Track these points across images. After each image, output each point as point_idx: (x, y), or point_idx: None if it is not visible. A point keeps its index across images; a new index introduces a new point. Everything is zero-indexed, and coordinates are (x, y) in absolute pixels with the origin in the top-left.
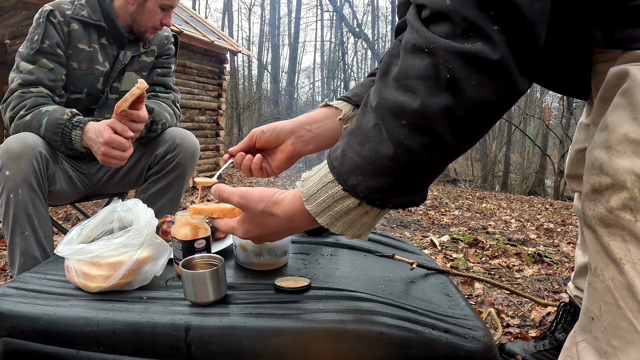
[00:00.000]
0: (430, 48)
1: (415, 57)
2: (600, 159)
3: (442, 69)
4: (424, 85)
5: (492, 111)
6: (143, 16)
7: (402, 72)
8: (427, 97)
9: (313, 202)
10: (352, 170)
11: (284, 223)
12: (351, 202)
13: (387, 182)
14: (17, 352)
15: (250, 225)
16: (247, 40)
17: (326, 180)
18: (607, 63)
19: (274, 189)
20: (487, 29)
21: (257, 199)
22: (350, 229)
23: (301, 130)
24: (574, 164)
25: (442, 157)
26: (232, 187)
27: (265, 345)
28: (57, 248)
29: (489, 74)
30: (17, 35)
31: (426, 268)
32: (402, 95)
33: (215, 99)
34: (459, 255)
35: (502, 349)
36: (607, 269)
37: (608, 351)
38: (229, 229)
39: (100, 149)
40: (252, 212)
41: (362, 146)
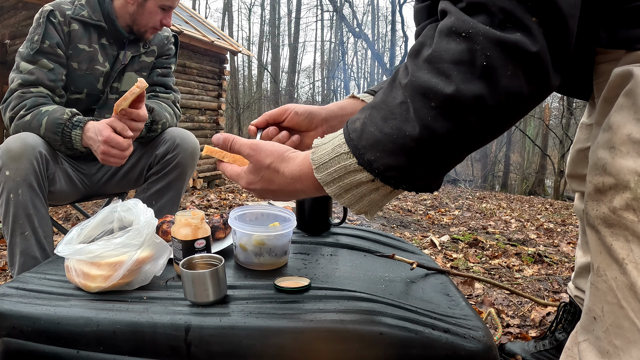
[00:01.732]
0: (469, 33)
1: (451, 41)
2: (604, 159)
3: (478, 56)
4: (458, 71)
5: (522, 104)
6: (143, 16)
7: (436, 54)
8: (460, 83)
9: (323, 171)
10: (371, 145)
11: (288, 183)
12: (364, 176)
13: (406, 162)
14: (17, 352)
15: (255, 176)
16: (247, 40)
17: (340, 150)
18: (609, 63)
19: (286, 147)
20: (526, 20)
21: (267, 152)
22: (357, 203)
23: (333, 120)
24: (575, 163)
25: (466, 145)
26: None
27: (265, 345)
28: (57, 248)
29: (525, 66)
30: (17, 35)
31: (426, 268)
32: (435, 77)
33: (215, 99)
34: (459, 255)
35: (502, 349)
36: (609, 269)
37: (610, 351)
38: (234, 175)
39: (100, 148)
40: (260, 164)
41: (385, 122)
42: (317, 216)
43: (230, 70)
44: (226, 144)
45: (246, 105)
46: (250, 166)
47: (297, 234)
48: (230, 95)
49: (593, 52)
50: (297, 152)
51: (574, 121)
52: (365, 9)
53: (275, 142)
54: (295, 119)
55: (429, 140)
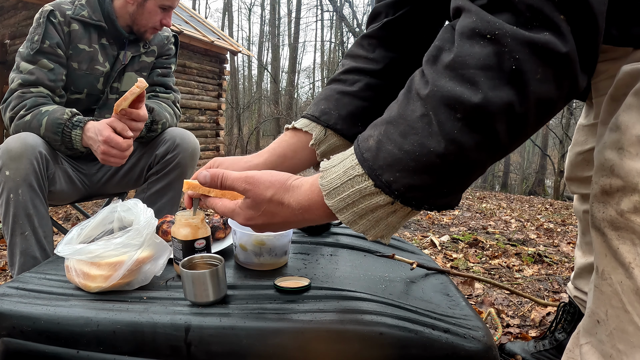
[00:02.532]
0: (495, 34)
1: (475, 44)
2: (611, 161)
3: (507, 59)
4: (485, 77)
5: (551, 109)
6: (143, 16)
7: (459, 60)
8: (489, 90)
9: (335, 197)
10: (389, 165)
11: (295, 214)
12: (381, 199)
13: (429, 181)
14: (17, 352)
15: (255, 211)
16: (247, 40)
17: (353, 173)
18: (607, 63)
19: (287, 174)
20: (555, 18)
21: (266, 184)
22: (373, 229)
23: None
24: (574, 166)
25: (492, 156)
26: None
27: (265, 345)
28: (57, 248)
29: (554, 68)
30: (17, 35)
31: (426, 268)
32: (460, 86)
33: (215, 99)
34: (459, 255)
35: (502, 349)
36: (615, 273)
37: (613, 355)
38: (228, 212)
39: (100, 148)
40: (260, 198)
41: (404, 138)
42: None
43: (230, 70)
44: (215, 181)
45: (246, 105)
46: (248, 201)
47: (297, 234)
48: (230, 95)
49: None
50: (301, 178)
51: (574, 121)
52: (365, 9)
53: (272, 171)
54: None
55: (456, 155)
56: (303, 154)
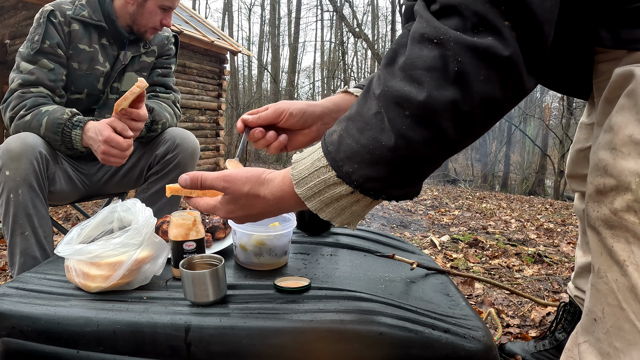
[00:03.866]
0: (440, 39)
1: (424, 48)
2: (605, 160)
3: (450, 62)
4: (430, 77)
5: (497, 108)
6: (143, 16)
7: (409, 62)
8: (433, 89)
9: (303, 186)
10: (349, 157)
11: (270, 204)
12: (343, 189)
13: (384, 173)
14: (17, 352)
15: (234, 206)
16: (247, 40)
17: (319, 164)
18: (609, 63)
19: (261, 169)
20: (499, 24)
21: (243, 180)
22: (339, 216)
23: (327, 118)
24: (575, 163)
25: (442, 151)
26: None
27: (265, 345)
28: (57, 248)
29: (498, 70)
30: (17, 35)
31: (426, 268)
32: (408, 85)
33: (215, 99)
34: (459, 255)
35: (502, 349)
36: (610, 271)
37: (610, 353)
38: (210, 209)
39: (100, 148)
40: (237, 193)
41: (361, 133)
42: (317, 216)
43: (230, 70)
44: (195, 183)
45: (246, 105)
46: (227, 197)
47: (297, 234)
48: (230, 95)
49: (592, 52)
50: (274, 172)
51: (574, 121)
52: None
53: (247, 168)
54: (290, 120)
55: (406, 150)
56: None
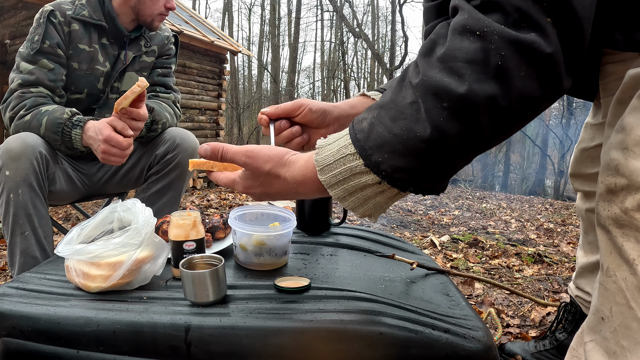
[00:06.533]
0: (484, 32)
1: (465, 39)
2: (616, 160)
3: (493, 55)
4: (471, 70)
5: (533, 107)
6: (146, 5)
7: (450, 53)
8: (474, 82)
9: (328, 173)
10: (379, 146)
11: (290, 187)
12: (370, 179)
13: (414, 164)
14: (17, 352)
15: (253, 182)
16: (247, 40)
17: (346, 151)
18: (617, 64)
19: (284, 149)
20: (541, 21)
21: (265, 157)
22: (361, 207)
23: (344, 119)
24: (579, 162)
25: (475, 147)
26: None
27: (265, 345)
28: (57, 248)
29: (538, 67)
30: (17, 35)
31: (426, 268)
32: (448, 77)
33: (215, 99)
34: (459, 255)
35: (502, 349)
36: (619, 270)
37: (617, 351)
38: (229, 182)
39: (100, 147)
40: (258, 171)
41: (394, 122)
42: (317, 216)
43: (230, 70)
44: (215, 154)
45: (246, 105)
46: (247, 173)
47: (297, 234)
48: (230, 95)
49: (600, 53)
50: (298, 154)
51: (574, 121)
52: (365, 9)
53: (271, 146)
54: (309, 115)
55: (440, 142)
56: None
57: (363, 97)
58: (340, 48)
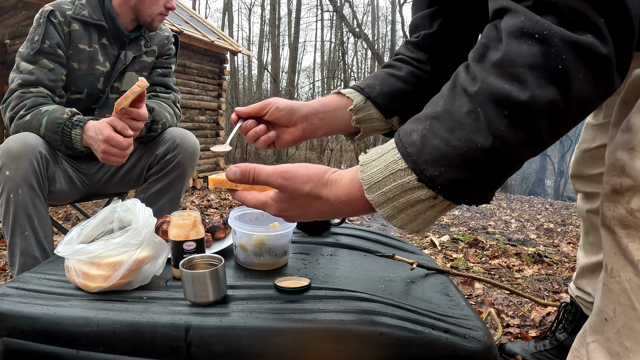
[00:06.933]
0: (543, 34)
1: (523, 43)
2: (622, 161)
3: (553, 59)
4: (532, 75)
5: (589, 108)
6: (145, 5)
7: (508, 58)
8: (536, 88)
9: (376, 191)
10: (434, 160)
11: (333, 208)
12: (423, 194)
13: (472, 175)
14: (17, 352)
15: (289, 204)
16: (247, 40)
17: (395, 167)
18: None
19: (323, 167)
20: (597, 22)
21: (303, 178)
22: (410, 223)
23: (314, 118)
24: (580, 164)
25: (531, 152)
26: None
27: (265, 345)
28: (57, 248)
29: (595, 69)
30: (17, 35)
31: (426, 268)
32: (508, 83)
33: (215, 99)
34: (459, 255)
35: (502, 349)
36: (624, 271)
37: (620, 352)
38: (259, 205)
39: (100, 147)
40: (296, 193)
41: (451, 134)
42: None
43: (230, 70)
44: (246, 176)
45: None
46: (283, 195)
47: (297, 234)
48: (230, 95)
49: None
50: (338, 171)
51: None
52: (365, 9)
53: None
54: (275, 113)
55: (501, 151)
56: (342, 112)
57: (338, 95)
58: (340, 48)
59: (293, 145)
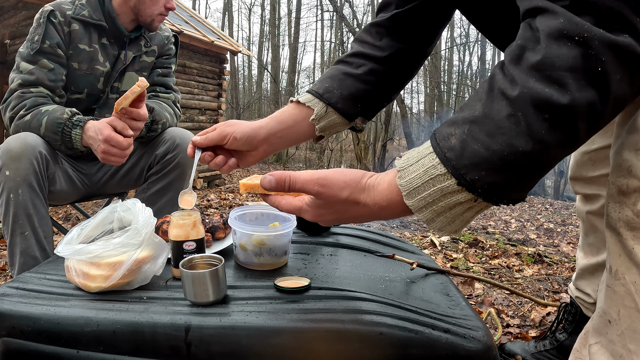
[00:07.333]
0: (583, 37)
1: (562, 46)
2: (629, 161)
3: (593, 61)
4: (573, 78)
5: (622, 107)
6: (145, 5)
7: (548, 61)
8: (576, 91)
9: (415, 197)
10: (475, 164)
11: (371, 212)
12: (462, 197)
13: (512, 178)
14: (17, 352)
15: (325, 210)
16: (247, 40)
17: (435, 172)
18: None
19: (359, 172)
20: (634, 21)
21: (341, 184)
22: (449, 225)
23: (273, 138)
24: (579, 166)
25: (568, 152)
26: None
27: (265, 345)
28: (57, 248)
29: (631, 69)
30: (17, 35)
31: (426, 268)
32: (548, 87)
33: (215, 99)
34: (459, 255)
35: (502, 349)
36: (629, 273)
37: (624, 355)
38: (294, 210)
39: (101, 147)
40: (334, 199)
41: (492, 138)
42: None
43: (230, 70)
44: (281, 185)
45: (246, 105)
46: (319, 202)
47: (297, 234)
48: (230, 95)
49: None
50: (375, 175)
51: None
52: (365, 9)
53: (343, 170)
54: (235, 143)
55: (541, 154)
56: (302, 125)
57: (296, 105)
58: (340, 48)
59: (257, 162)
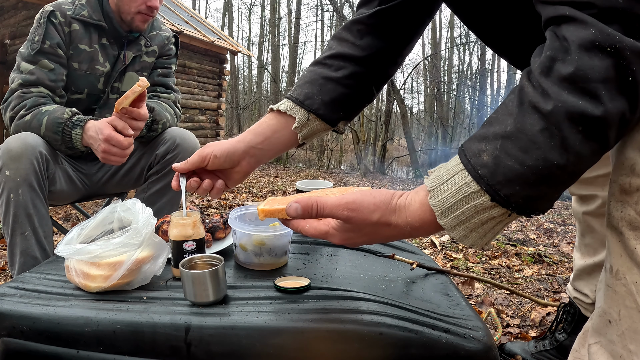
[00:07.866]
0: (615, 47)
1: (594, 57)
2: (632, 159)
3: (625, 71)
4: (606, 90)
5: None
6: (123, 2)
7: (580, 73)
8: (609, 102)
9: (448, 215)
10: (509, 180)
11: (403, 232)
12: (495, 212)
13: (547, 191)
14: (17, 352)
15: (355, 233)
16: (247, 40)
17: (467, 190)
18: None
19: (389, 193)
20: None
21: (371, 207)
22: (480, 240)
23: (253, 150)
24: None
25: (597, 161)
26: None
27: (265, 345)
28: (57, 248)
29: None
30: (17, 35)
31: (426, 268)
32: (582, 99)
33: (215, 99)
34: (459, 255)
35: (502, 349)
36: (630, 273)
37: (624, 355)
38: (321, 235)
39: (101, 147)
40: (364, 222)
41: (526, 154)
42: None
43: (230, 70)
44: (308, 212)
45: (246, 105)
46: (349, 226)
47: (297, 234)
48: (230, 95)
49: None
50: (405, 196)
51: None
52: None
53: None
54: (216, 163)
55: (575, 166)
56: (282, 134)
57: (276, 115)
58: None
59: (245, 178)
